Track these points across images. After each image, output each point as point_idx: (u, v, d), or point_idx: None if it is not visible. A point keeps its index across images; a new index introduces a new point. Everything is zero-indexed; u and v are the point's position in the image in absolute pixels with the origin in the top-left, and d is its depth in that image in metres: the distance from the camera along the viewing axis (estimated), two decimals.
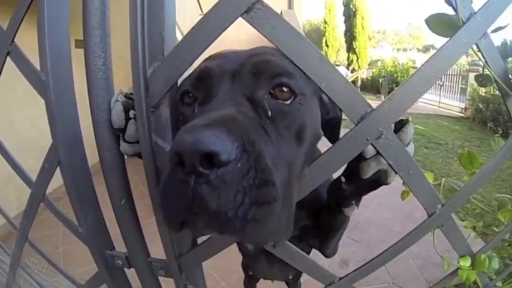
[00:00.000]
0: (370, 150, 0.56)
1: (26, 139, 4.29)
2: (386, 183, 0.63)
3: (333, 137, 0.81)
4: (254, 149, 0.43)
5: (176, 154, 0.40)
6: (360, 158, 0.58)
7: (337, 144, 0.54)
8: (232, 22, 0.51)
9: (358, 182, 0.64)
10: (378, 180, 0.63)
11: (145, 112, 0.60)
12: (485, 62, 0.59)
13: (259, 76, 0.56)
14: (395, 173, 0.59)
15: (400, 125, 0.57)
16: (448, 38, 0.52)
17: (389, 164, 0.57)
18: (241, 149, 0.41)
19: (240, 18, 0.50)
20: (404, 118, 0.57)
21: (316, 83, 0.51)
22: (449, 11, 0.54)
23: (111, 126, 0.67)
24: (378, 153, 0.56)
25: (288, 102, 0.56)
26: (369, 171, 0.59)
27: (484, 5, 0.52)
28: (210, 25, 0.52)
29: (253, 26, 0.50)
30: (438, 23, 0.55)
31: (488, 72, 0.62)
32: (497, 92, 0.63)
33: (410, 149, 0.59)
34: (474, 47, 0.56)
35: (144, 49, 0.58)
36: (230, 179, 0.40)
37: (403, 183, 0.63)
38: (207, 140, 0.39)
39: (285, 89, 0.55)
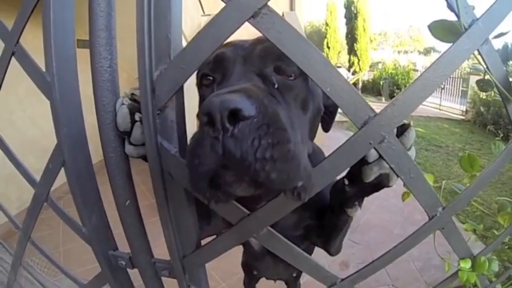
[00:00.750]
0: (372, 154, 0.57)
1: (27, 139, 4.29)
2: (388, 186, 0.64)
3: (329, 122, 0.92)
4: (267, 110, 0.49)
5: (207, 114, 0.47)
6: (363, 162, 0.59)
7: (340, 148, 0.55)
8: (239, 27, 0.51)
9: (360, 184, 0.65)
10: (380, 183, 0.64)
11: (151, 114, 0.61)
12: (487, 67, 0.60)
13: (266, 58, 0.66)
14: (397, 176, 0.59)
15: (402, 129, 0.58)
16: (450, 44, 0.53)
17: (391, 168, 0.57)
18: (258, 109, 0.48)
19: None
20: (406, 122, 0.58)
21: (320, 87, 0.52)
22: (451, 17, 0.55)
23: (117, 128, 0.68)
24: (381, 157, 0.56)
25: (292, 78, 0.66)
26: (371, 175, 0.60)
27: (485, 12, 0.53)
28: (217, 29, 0.53)
29: (260, 31, 0.51)
30: (440, 29, 0.56)
31: (489, 77, 0.62)
32: (498, 96, 0.64)
33: (412, 152, 0.60)
34: (475, 52, 0.56)
35: (151, 52, 0.59)
36: (249, 131, 0.46)
37: (404, 186, 0.64)
38: (232, 99, 0.46)
39: (288, 66, 0.65)
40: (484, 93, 9.07)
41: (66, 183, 0.73)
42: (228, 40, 0.66)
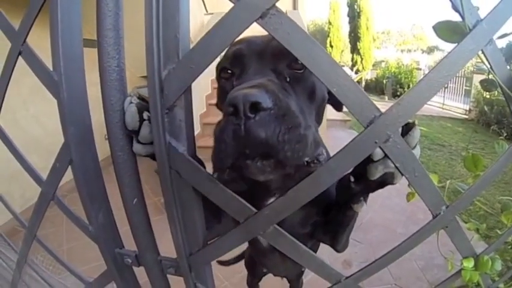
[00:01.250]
0: (378, 153, 0.58)
1: (30, 138, 4.32)
2: (393, 184, 0.66)
3: (338, 104, 0.99)
4: (281, 103, 0.59)
5: (232, 105, 0.56)
6: (368, 160, 0.60)
7: (346, 147, 0.56)
8: (247, 27, 0.52)
9: (365, 182, 0.67)
10: (385, 181, 0.65)
11: (160, 113, 0.61)
12: (490, 67, 0.60)
13: (279, 56, 0.74)
14: (402, 175, 0.60)
15: (406, 129, 0.59)
16: (455, 44, 0.53)
17: (396, 166, 0.58)
18: (273, 102, 0.57)
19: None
20: (410, 121, 0.59)
21: (327, 87, 0.52)
22: (455, 17, 0.55)
23: (125, 127, 0.68)
24: (386, 155, 0.57)
25: (301, 71, 0.75)
26: (376, 173, 0.62)
27: (490, 13, 0.53)
28: (225, 29, 0.53)
29: (268, 31, 0.51)
30: (445, 30, 0.56)
31: (492, 77, 0.63)
32: (501, 96, 0.65)
33: (417, 151, 0.61)
34: (479, 52, 0.57)
35: (159, 51, 0.59)
36: (268, 119, 0.56)
37: (409, 185, 0.65)
38: (254, 93, 0.56)
39: (298, 62, 0.74)
40: (487, 93, 9.06)
41: (70, 181, 0.74)
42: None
